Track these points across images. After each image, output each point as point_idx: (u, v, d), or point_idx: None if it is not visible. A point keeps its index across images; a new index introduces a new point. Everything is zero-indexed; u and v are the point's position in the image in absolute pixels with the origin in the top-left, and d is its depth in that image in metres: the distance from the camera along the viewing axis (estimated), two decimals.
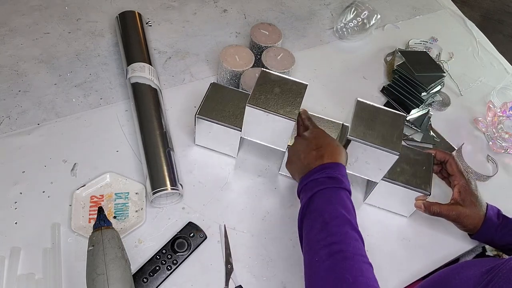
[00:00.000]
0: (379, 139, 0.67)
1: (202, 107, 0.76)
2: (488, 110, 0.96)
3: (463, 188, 0.73)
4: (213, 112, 0.75)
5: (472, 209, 0.71)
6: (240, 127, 0.74)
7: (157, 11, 1.06)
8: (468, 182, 0.74)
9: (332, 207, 0.58)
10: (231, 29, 1.06)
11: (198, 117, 0.75)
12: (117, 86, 0.90)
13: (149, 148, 0.75)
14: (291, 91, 0.71)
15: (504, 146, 0.93)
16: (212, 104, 0.76)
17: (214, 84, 0.79)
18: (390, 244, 0.77)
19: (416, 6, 1.24)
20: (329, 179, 0.61)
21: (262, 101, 0.69)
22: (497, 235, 0.71)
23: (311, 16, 1.14)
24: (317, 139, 0.67)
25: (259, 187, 0.80)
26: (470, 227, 0.72)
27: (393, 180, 0.74)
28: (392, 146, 0.67)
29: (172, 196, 0.74)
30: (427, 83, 0.90)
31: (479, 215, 0.72)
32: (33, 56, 0.92)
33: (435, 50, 1.11)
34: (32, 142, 0.79)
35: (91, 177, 0.75)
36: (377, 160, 0.70)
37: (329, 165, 0.62)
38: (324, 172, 0.61)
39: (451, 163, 0.76)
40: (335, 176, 0.61)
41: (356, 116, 0.70)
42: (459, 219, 0.72)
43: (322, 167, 0.62)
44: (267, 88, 0.70)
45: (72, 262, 0.67)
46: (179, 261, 0.69)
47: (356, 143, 0.68)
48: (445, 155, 0.77)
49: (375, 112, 0.71)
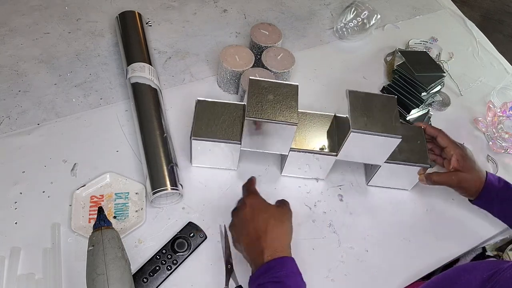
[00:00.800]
0: (379, 126, 0.69)
1: (195, 127, 0.72)
2: (488, 110, 0.96)
3: (460, 156, 0.75)
4: (208, 130, 0.72)
5: (472, 173, 0.74)
6: (238, 140, 0.73)
7: (157, 11, 1.06)
8: (463, 150, 0.76)
9: None
10: (231, 29, 1.06)
11: (193, 139, 0.72)
12: (117, 86, 0.90)
13: (149, 148, 0.75)
14: (284, 95, 0.70)
15: (504, 146, 0.93)
16: (204, 122, 0.73)
17: (200, 101, 0.76)
18: (390, 245, 0.77)
19: (416, 6, 1.24)
20: (274, 285, 0.56)
21: (260, 111, 0.68)
22: (498, 198, 0.73)
23: (311, 16, 1.14)
24: (254, 223, 0.61)
25: (259, 187, 0.79)
26: (472, 190, 0.74)
27: (394, 160, 0.75)
28: (393, 131, 0.69)
29: (172, 196, 0.74)
30: (427, 83, 0.90)
31: (479, 179, 0.74)
32: (33, 56, 0.92)
33: (435, 50, 1.11)
34: (32, 142, 0.79)
35: (91, 177, 0.75)
36: (380, 146, 0.71)
37: (273, 264, 0.58)
38: (268, 275, 0.57)
39: (442, 136, 0.77)
40: (280, 280, 0.56)
41: (353, 107, 0.70)
42: (460, 184, 0.74)
43: (266, 268, 0.58)
44: (260, 96, 0.69)
45: (72, 262, 0.67)
46: (179, 261, 0.69)
47: (358, 134, 0.68)
48: (435, 130, 0.79)
49: (368, 99, 0.72)
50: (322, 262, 0.73)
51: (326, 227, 0.77)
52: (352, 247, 0.75)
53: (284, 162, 0.78)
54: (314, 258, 0.73)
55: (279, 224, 0.62)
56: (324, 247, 0.75)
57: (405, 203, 0.82)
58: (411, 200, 0.83)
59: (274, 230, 0.61)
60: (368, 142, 0.70)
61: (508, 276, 0.52)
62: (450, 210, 0.83)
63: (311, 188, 0.81)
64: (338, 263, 0.73)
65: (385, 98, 0.73)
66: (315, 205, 0.79)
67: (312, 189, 0.81)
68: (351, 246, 0.76)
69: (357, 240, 0.76)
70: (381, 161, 0.75)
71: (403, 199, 0.83)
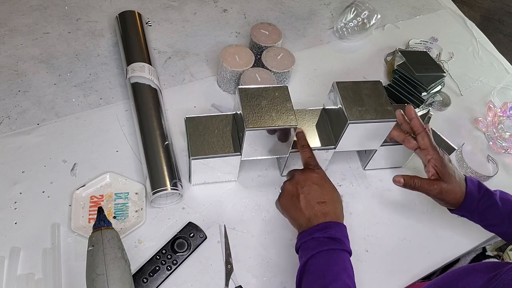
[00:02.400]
0: (374, 113, 0.70)
1: (191, 147, 0.70)
2: (489, 110, 0.96)
3: (437, 162, 0.69)
4: (204, 147, 0.71)
5: (452, 183, 0.68)
6: (237, 151, 0.71)
7: (157, 11, 1.06)
8: (442, 156, 0.70)
9: (332, 270, 0.57)
10: (231, 29, 1.06)
11: (193, 159, 0.70)
12: (117, 86, 0.90)
13: (149, 148, 0.75)
14: (277, 98, 0.70)
15: (505, 146, 0.92)
16: (199, 140, 0.71)
17: (189, 118, 0.74)
18: (390, 245, 0.77)
19: (416, 6, 1.24)
20: (331, 240, 0.59)
21: (258, 119, 0.67)
22: (478, 209, 0.69)
23: (311, 16, 1.14)
24: (322, 189, 0.64)
25: (259, 187, 0.80)
26: (453, 202, 0.69)
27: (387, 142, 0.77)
28: (387, 115, 0.71)
29: (172, 196, 0.74)
30: (427, 83, 0.90)
31: (460, 189, 0.68)
32: (32, 56, 0.92)
33: (435, 50, 1.11)
34: (32, 142, 0.79)
35: (91, 177, 0.75)
36: (376, 131, 0.73)
37: (332, 224, 0.60)
38: (327, 232, 0.59)
39: (422, 136, 0.70)
40: (338, 237, 0.59)
41: (344, 98, 0.71)
42: (441, 195, 0.68)
43: (324, 225, 0.60)
44: (254, 104, 0.69)
45: (72, 262, 0.67)
46: (179, 261, 0.68)
47: (356, 124, 0.70)
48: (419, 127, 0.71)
49: (355, 88, 0.73)
50: None
51: None
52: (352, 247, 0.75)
53: (284, 164, 0.78)
54: None
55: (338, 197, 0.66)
56: None
57: (405, 204, 0.82)
58: (411, 200, 0.83)
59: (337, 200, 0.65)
60: (365, 130, 0.72)
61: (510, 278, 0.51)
62: None
63: None
64: None
65: (371, 84, 0.74)
66: None
67: None
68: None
69: (357, 240, 0.76)
70: (377, 145, 0.77)
71: (403, 199, 0.83)
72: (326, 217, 0.61)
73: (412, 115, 0.72)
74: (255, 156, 0.73)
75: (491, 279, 0.53)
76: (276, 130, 0.68)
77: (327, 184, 0.66)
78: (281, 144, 0.72)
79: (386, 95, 0.73)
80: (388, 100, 0.72)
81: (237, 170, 0.76)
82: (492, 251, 0.84)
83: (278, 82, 0.90)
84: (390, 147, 0.79)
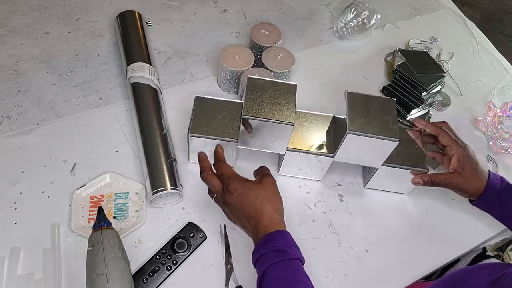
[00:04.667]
0: (377, 128, 0.68)
1: (193, 124, 0.72)
2: (488, 110, 0.96)
3: (461, 156, 0.73)
4: (205, 127, 0.72)
5: (473, 174, 0.72)
6: (235, 138, 0.72)
7: (157, 11, 1.06)
8: (466, 149, 0.74)
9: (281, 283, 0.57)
10: (231, 29, 1.06)
11: (191, 135, 0.72)
12: (117, 86, 0.90)
13: (149, 148, 0.75)
14: (282, 94, 0.70)
15: (504, 146, 0.92)
16: (202, 119, 0.73)
17: (199, 97, 0.76)
18: (390, 245, 0.77)
19: (416, 6, 1.24)
20: (275, 253, 0.59)
21: (257, 109, 0.68)
22: (498, 201, 0.71)
23: (311, 16, 1.14)
24: (244, 208, 0.63)
25: None
26: (472, 192, 0.73)
27: (391, 163, 0.75)
28: (390, 134, 0.68)
29: (172, 196, 0.74)
30: (427, 83, 0.90)
31: (480, 180, 0.72)
32: (32, 56, 0.92)
33: (435, 50, 1.11)
34: (32, 142, 0.79)
35: (91, 177, 0.75)
36: (376, 148, 0.71)
37: (272, 235, 0.60)
38: (268, 245, 0.59)
39: (443, 135, 0.75)
40: (280, 249, 0.59)
41: (350, 108, 0.70)
42: (459, 185, 0.72)
43: (264, 240, 0.60)
44: (258, 95, 0.69)
45: (72, 262, 0.67)
46: (179, 261, 0.69)
47: (355, 135, 0.68)
48: (436, 129, 0.76)
49: (366, 101, 0.72)
50: (322, 262, 0.73)
51: (326, 227, 0.77)
52: (352, 247, 0.75)
53: (281, 162, 0.78)
54: (314, 258, 0.73)
55: (267, 201, 0.63)
56: (324, 247, 0.75)
57: (405, 203, 0.82)
58: (411, 200, 0.83)
59: (265, 209, 0.62)
60: (364, 144, 0.70)
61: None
62: (450, 210, 0.83)
63: (311, 188, 0.81)
64: (338, 263, 0.73)
65: (384, 100, 0.73)
66: (315, 205, 0.79)
67: (312, 189, 0.81)
68: (351, 246, 0.76)
69: (357, 240, 0.76)
70: (378, 163, 0.75)
71: (403, 199, 0.83)
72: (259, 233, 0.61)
73: (422, 124, 0.77)
74: (252, 147, 0.74)
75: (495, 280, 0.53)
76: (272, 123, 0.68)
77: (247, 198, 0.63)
78: (278, 141, 0.72)
79: (395, 114, 0.70)
80: (396, 119, 0.70)
81: (233, 157, 0.77)
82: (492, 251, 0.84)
83: None
84: (392, 168, 0.76)
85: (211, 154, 0.75)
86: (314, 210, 0.79)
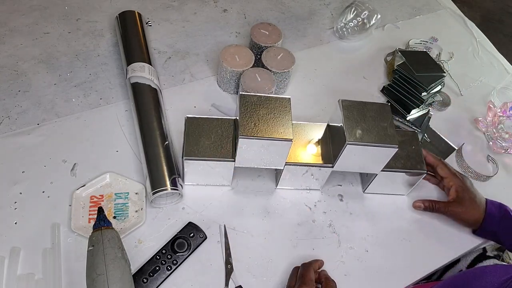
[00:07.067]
0: (375, 136, 0.68)
1: (186, 146, 0.70)
2: (489, 110, 0.96)
3: (460, 187, 0.77)
4: (199, 148, 0.70)
5: (471, 205, 0.75)
6: (231, 157, 0.70)
7: (157, 11, 1.06)
8: (463, 181, 0.77)
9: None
10: (231, 29, 1.06)
11: (186, 159, 0.69)
12: (117, 86, 0.90)
13: (149, 148, 0.75)
14: (277, 109, 0.69)
15: (504, 146, 0.92)
16: (195, 140, 0.71)
17: (189, 118, 0.73)
18: (390, 245, 0.77)
19: (416, 6, 1.24)
20: None
21: (253, 128, 0.66)
22: (500, 229, 0.73)
23: (311, 16, 1.14)
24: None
25: (259, 187, 0.80)
26: (471, 221, 0.75)
27: (391, 168, 0.75)
28: (389, 141, 0.68)
29: (172, 196, 0.74)
30: (427, 83, 0.90)
31: (479, 210, 0.74)
32: (32, 56, 0.92)
33: (435, 50, 1.11)
34: (32, 142, 0.79)
35: (91, 177, 0.75)
36: (376, 156, 0.70)
37: None
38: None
39: (441, 167, 0.79)
40: None
41: (347, 118, 0.69)
42: (458, 214, 0.76)
43: None
44: (252, 112, 0.68)
45: (72, 262, 0.67)
46: (179, 261, 0.68)
47: (354, 146, 0.67)
48: (435, 160, 0.80)
49: (361, 108, 0.71)
50: None
51: (326, 227, 0.77)
52: (352, 247, 0.75)
53: (279, 176, 0.77)
54: (314, 258, 0.73)
55: None
56: (324, 247, 0.75)
57: (405, 204, 0.82)
58: (411, 200, 0.82)
59: None
60: (364, 153, 0.69)
61: None
62: None
63: None
64: (338, 263, 0.73)
65: (379, 106, 0.72)
66: (315, 205, 0.79)
67: (312, 189, 0.81)
68: (351, 246, 0.76)
69: (357, 240, 0.76)
70: (378, 170, 0.74)
71: (403, 199, 0.83)
72: None
73: (435, 163, 0.80)
74: (249, 165, 0.72)
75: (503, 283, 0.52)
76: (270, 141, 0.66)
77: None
78: (276, 157, 0.70)
79: (392, 120, 0.70)
80: (393, 124, 0.70)
81: (230, 176, 0.75)
82: (492, 251, 0.84)
83: (278, 82, 0.90)
84: (391, 173, 0.75)
85: (207, 174, 0.74)
86: (314, 210, 0.79)
